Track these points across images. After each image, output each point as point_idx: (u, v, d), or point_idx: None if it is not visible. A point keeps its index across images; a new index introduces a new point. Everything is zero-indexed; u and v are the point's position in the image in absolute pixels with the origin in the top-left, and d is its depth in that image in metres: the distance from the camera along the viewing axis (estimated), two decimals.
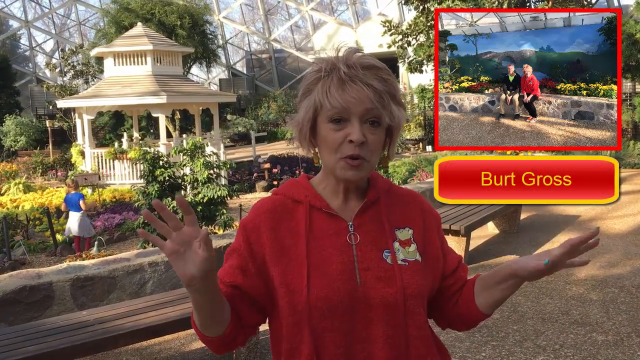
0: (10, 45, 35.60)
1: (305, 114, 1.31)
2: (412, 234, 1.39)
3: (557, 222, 8.37)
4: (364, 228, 1.35)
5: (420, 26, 15.59)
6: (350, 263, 1.31)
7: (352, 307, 1.29)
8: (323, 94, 1.26)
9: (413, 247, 1.37)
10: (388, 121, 1.30)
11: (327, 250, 1.32)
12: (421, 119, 21.74)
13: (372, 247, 1.33)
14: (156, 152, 8.44)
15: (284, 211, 1.37)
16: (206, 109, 18.57)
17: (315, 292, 1.28)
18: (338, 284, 1.29)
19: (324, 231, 1.34)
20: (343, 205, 1.37)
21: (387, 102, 1.28)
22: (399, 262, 1.33)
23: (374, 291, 1.29)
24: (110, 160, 15.51)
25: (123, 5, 24.48)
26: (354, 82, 1.25)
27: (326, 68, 1.28)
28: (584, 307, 4.98)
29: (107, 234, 10.28)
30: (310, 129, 1.32)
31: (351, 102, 1.24)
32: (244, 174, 15.03)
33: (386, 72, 1.30)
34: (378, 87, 1.26)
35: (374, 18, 26.09)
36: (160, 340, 4.52)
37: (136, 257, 5.22)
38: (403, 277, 1.31)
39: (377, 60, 1.31)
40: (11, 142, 23.47)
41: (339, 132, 1.27)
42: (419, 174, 11.83)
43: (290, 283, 1.30)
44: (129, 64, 16.41)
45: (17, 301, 4.40)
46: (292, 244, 1.33)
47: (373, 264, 1.32)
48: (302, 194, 1.38)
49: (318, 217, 1.35)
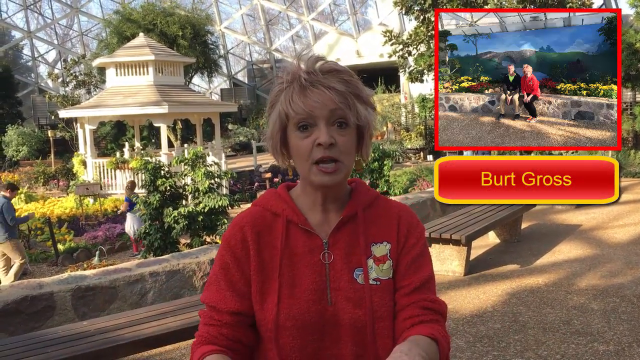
0: (13, 56, 35.77)
1: (273, 126, 1.30)
2: (389, 250, 1.34)
3: (558, 232, 8.36)
4: (339, 245, 1.32)
5: (420, 36, 15.66)
6: (322, 282, 1.29)
7: (322, 327, 1.28)
8: (286, 103, 1.26)
9: (388, 265, 1.33)
10: (355, 121, 1.27)
11: (300, 269, 1.30)
12: (422, 128, 21.77)
13: (345, 266, 1.30)
14: (157, 162, 8.46)
15: (264, 224, 1.35)
16: (207, 119, 18.62)
17: (285, 311, 1.27)
18: (309, 304, 1.27)
19: (299, 248, 1.31)
20: (322, 219, 1.34)
21: (352, 102, 1.26)
22: (370, 281, 1.29)
23: (343, 312, 1.27)
24: (112, 170, 15.55)
25: (125, 15, 24.62)
26: (315, 87, 1.24)
27: (287, 78, 1.28)
28: (585, 317, 4.96)
29: (109, 244, 10.29)
30: (281, 141, 1.31)
31: (314, 107, 1.24)
32: (245, 184, 15.06)
33: (348, 74, 1.28)
34: (340, 88, 1.25)
35: (374, 28, 26.18)
36: (161, 351, 4.51)
37: (137, 267, 5.23)
38: (373, 299, 1.28)
39: (338, 64, 1.30)
40: (13, 152, 23.51)
41: (307, 138, 1.25)
42: (420, 184, 11.83)
43: (263, 300, 1.30)
44: (131, 74, 16.48)
45: (18, 311, 4.40)
46: (269, 259, 1.32)
47: (344, 284, 1.29)
48: (280, 207, 1.35)
49: (295, 232, 1.33)
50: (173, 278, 5.27)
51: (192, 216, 7.88)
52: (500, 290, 5.78)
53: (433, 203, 8.75)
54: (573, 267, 6.48)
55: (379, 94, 24.17)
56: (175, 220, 7.83)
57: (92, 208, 13.37)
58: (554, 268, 6.50)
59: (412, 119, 22.59)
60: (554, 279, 6.08)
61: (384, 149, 10.34)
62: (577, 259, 6.83)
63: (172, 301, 4.65)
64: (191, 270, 5.38)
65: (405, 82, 20.38)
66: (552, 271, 6.39)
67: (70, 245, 10.07)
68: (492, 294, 5.68)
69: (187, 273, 5.37)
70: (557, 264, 6.67)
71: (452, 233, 6.21)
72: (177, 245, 8.17)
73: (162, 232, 8.09)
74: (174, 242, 8.18)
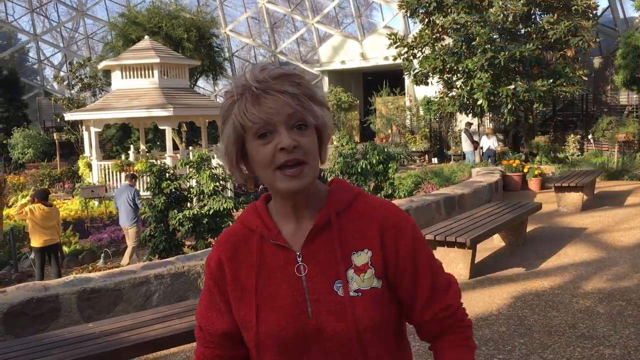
0: (19, 59, 35.92)
1: (228, 141, 1.26)
2: (370, 257, 1.27)
3: (563, 235, 8.33)
4: (314, 257, 1.27)
5: (425, 39, 15.64)
6: (300, 295, 1.25)
7: (305, 341, 1.25)
8: (241, 114, 1.22)
9: (370, 273, 1.27)
10: (313, 121, 1.24)
11: (276, 284, 1.27)
12: (427, 131, 21.75)
13: (322, 277, 1.26)
14: (162, 164, 8.47)
15: (241, 241, 1.33)
16: (213, 122, 18.66)
17: (264, 328, 1.25)
18: (288, 319, 1.24)
19: (274, 263, 1.29)
20: (294, 229, 1.30)
21: (307, 104, 1.23)
22: (351, 293, 1.24)
23: (326, 324, 1.24)
24: (117, 172, 15.59)
25: (130, 18, 24.67)
26: (268, 94, 1.20)
27: (237, 91, 1.24)
28: (591, 320, 4.95)
29: (114, 246, 10.30)
30: (237, 155, 1.27)
31: (271, 113, 1.20)
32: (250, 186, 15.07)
33: (298, 77, 1.25)
34: (293, 91, 1.21)
35: (379, 31, 26.17)
36: (166, 353, 4.51)
37: (142, 269, 5.24)
38: (355, 311, 1.23)
39: (286, 68, 1.28)
40: (19, 155, 23.61)
41: (268, 145, 1.21)
42: (425, 186, 11.81)
43: (243, 318, 1.29)
44: (136, 77, 16.54)
45: (24, 314, 4.42)
46: (246, 276, 1.30)
47: (323, 296, 1.25)
48: (254, 222, 1.33)
49: (269, 247, 1.30)
50: (178, 280, 5.28)
51: (197, 218, 7.90)
52: (505, 293, 5.77)
53: (438, 206, 8.73)
54: (579, 270, 6.46)
55: (383, 96, 24.17)
56: (180, 223, 7.85)
57: (97, 210, 13.41)
58: (560, 271, 6.48)
59: (417, 122, 22.56)
60: (560, 282, 6.06)
61: (389, 152, 10.32)
62: (582, 262, 6.81)
63: (177, 303, 4.65)
64: (196, 273, 5.39)
65: (410, 84, 20.35)
66: (557, 274, 6.37)
67: (75, 247, 10.09)
68: (497, 297, 5.67)
69: (192, 275, 5.38)
70: (563, 267, 6.65)
71: (457, 236, 6.20)
72: (182, 248, 8.19)
73: (167, 234, 8.10)
74: (179, 244, 8.20)
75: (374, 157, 9.58)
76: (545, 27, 14.41)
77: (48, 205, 8.38)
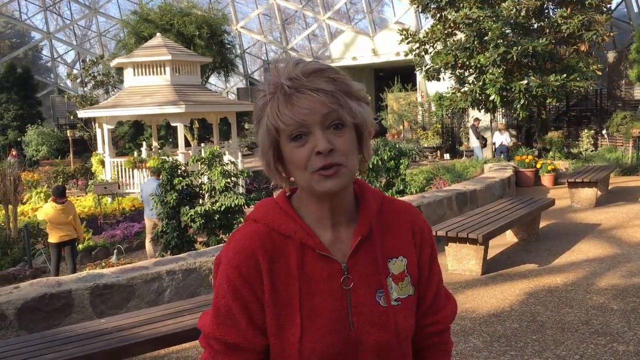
0: (33, 57, 36.23)
1: (263, 143, 1.20)
2: (405, 264, 1.27)
3: (577, 231, 8.26)
4: (358, 268, 1.23)
5: (437, 34, 15.55)
6: (343, 309, 1.20)
7: (345, 353, 1.21)
8: (273, 116, 1.15)
9: (407, 281, 1.26)
10: (351, 119, 1.17)
11: (320, 296, 1.20)
12: (439, 126, 21.65)
13: (366, 289, 1.22)
14: (174, 161, 8.50)
15: (274, 248, 1.22)
16: (224, 118, 18.68)
17: (309, 346, 1.18)
18: (332, 336, 1.19)
19: (316, 273, 1.21)
20: (333, 237, 1.24)
21: (344, 100, 1.15)
22: (392, 302, 1.23)
23: (367, 336, 1.21)
24: (130, 169, 15.66)
25: (143, 16, 24.77)
26: (301, 93, 1.13)
27: (269, 89, 1.17)
28: (604, 317, 4.90)
29: (127, 242, 10.36)
30: (274, 157, 1.20)
31: (305, 114, 1.13)
32: (261, 183, 15.09)
33: (333, 72, 1.18)
34: (328, 88, 1.14)
35: (391, 26, 26.06)
36: (177, 349, 4.54)
37: (154, 265, 5.26)
38: (397, 321, 1.23)
39: (320, 63, 1.20)
40: (33, 152, 23.83)
41: (303, 147, 1.15)
42: (437, 182, 11.77)
43: (282, 334, 1.20)
44: (148, 74, 16.59)
45: (37, 309, 4.45)
46: (284, 287, 1.21)
47: (366, 308, 1.21)
48: (290, 227, 1.23)
49: (310, 257, 1.21)
50: (190, 276, 5.30)
51: (208, 215, 7.92)
52: (517, 290, 5.73)
53: (450, 202, 8.69)
54: (592, 267, 6.41)
55: (395, 92, 24.07)
56: (192, 219, 7.88)
57: (110, 207, 13.50)
58: (573, 267, 6.43)
59: (429, 118, 22.46)
60: (573, 279, 6.02)
61: (400, 148, 10.28)
62: (596, 259, 6.75)
63: (189, 299, 4.66)
64: (208, 269, 5.40)
65: (421, 80, 20.26)
66: (570, 270, 6.32)
67: (88, 243, 10.17)
68: (509, 294, 5.63)
69: (204, 271, 5.40)
70: (576, 263, 6.59)
71: (469, 232, 6.16)
72: (194, 244, 8.22)
73: (179, 230, 8.14)
74: (190, 240, 8.23)
75: (385, 153, 9.54)
76: (559, 22, 14.27)
77: (60, 202, 8.43)
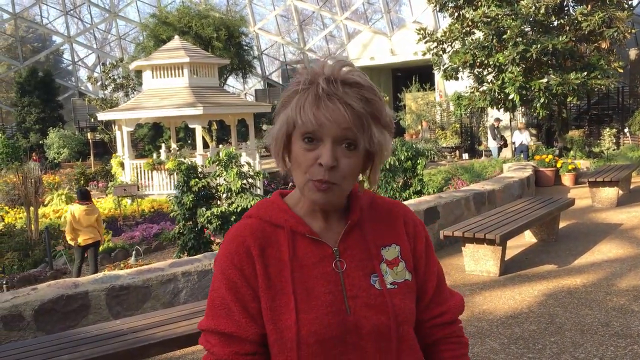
0: (54, 60, 36.77)
1: (279, 128, 1.21)
2: (399, 251, 1.29)
3: (597, 231, 8.14)
4: (349, 252, 1.25)
5: (455, 33, 15.43)
6: (338, 292, 1.22)
7: (343, 337, 1.21)
8: (297, 109, 1.15)
9: (401, 266, 1.28)
10: (366, 146, 1.17)
11: (313, 280, 1.22)
12: (457, 126, 21.51)
13: (360, 272, 1.24)
14: (191, 162, 8.55)
15: (264, 236, 1.25)
16: (242, 120, 18.76)
17: (305, 328, 1.19)
18: (328, 317, 1.20)
19: (309, 259, 1.23)
20: (324, 226, 1.26)
21: (367, 125, 1.16)
22: (387, 286, 1.25)
23: (365, 320, 1.21)
24: (149, 171, 15.80)
25: (161, 19, 25.00)
26: (330, 100, 1.13)
27: (305, 81, 1.17)
28: (625, 319, 4.82)
29: (145, 244, 10.44)
30: (284, 146, 1.22)
31: (325, 122, 1.13)
32: (279, 184, 15.12)
33: (371, 92, 1.17)
34: (357, 107, 1.14)
35: (408, 26, 25.94)
36: (192, 350, 4.55)
37: (170, 267, 5.28)
38: (394, 303, 1.23)
39: (364, 77, 1.19)
40: (54, 154, 24.16)
41: (311, 152, 1.16)
42: (455, 182, 11.68)
43: (278, 319, 1.21)
44: (167, 77, 16.72)
45: (54, 310, 4.50)
46: (276, 274, 1.22)
47: (361, 291, 1.23)
48: (281, 218, 1.26)
49: (301, 243, 1.24)
50: (205, 278, 5.31)
51: (225, 216, 7.95)
52: (536, 291, 5.66)
53: (467, 202, 8.61)
54: (613, 267, 6.30)
55: (413, 92, 23.97)
56: (209, 220, 7.90)
57: (129, 209, 13.62)
58: (593, 268, 6.33)
59: (447, 117, 22.33)
60: (593, 280, 5.92)
61: (417, 148, 10.22)
62: (617, 259, 6.63)
63: (204, 300, 4.67)
64: None
65: (440, 80, 20.13)
66: (590, 271, 6.22)
67: (108, 245, 10.27)
68: (527, 295, 5.56)
69: None
70: (596, 264, 6.49)
71: (487, 232, 6.10)
72: (210, 245, 8.25)
73: (196, 232, 8.17)
74: (207, 242, 8.26)
75: (403, 154, 9.49)
76: (579, 19, 14.08)
77: (84, 205, 8.52)
